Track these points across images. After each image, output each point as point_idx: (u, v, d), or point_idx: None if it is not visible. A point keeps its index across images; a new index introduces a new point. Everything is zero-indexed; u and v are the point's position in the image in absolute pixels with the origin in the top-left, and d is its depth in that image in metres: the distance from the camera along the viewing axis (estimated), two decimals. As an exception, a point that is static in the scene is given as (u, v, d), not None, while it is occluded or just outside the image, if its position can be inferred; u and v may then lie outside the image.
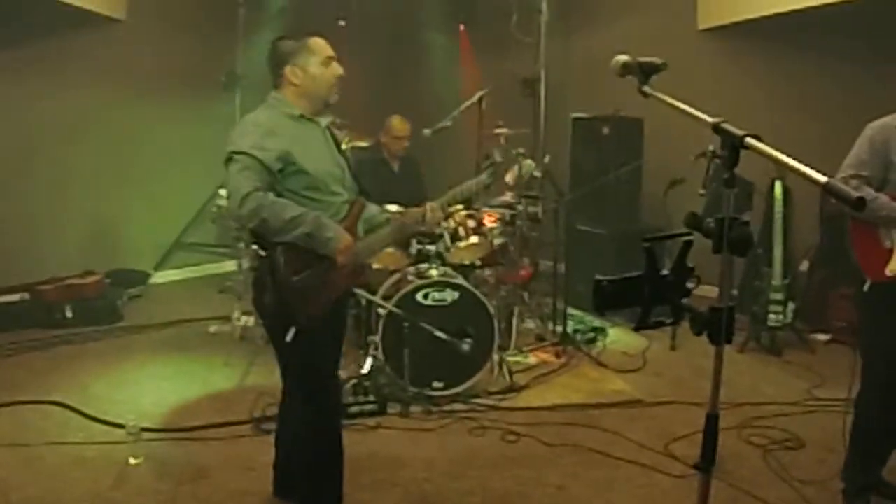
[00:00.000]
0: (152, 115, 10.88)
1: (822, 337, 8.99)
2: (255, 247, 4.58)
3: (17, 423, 6.56)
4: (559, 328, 8.67)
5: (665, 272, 2.89)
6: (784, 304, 8.41)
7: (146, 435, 6.13)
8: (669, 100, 2.98)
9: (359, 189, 4.91)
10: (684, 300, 2.94)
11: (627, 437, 6.38)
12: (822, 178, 2.40)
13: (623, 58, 3.17)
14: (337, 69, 4.63)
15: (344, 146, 4.85)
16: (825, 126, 7.87)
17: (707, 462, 2.95)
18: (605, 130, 10.00)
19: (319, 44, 4.62)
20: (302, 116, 4.59)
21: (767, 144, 2.50)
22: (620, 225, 9.90)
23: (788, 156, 2.45)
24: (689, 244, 2.85)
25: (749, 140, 2.62)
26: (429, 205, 5.06)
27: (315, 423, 4.82)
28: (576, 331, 8.83)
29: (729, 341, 2.76)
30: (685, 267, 2.89)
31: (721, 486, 5.52)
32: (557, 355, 8.24)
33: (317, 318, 4.49)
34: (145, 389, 7.32)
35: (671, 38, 10.38)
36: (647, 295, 2.89)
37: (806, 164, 2.40)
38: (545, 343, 8.59)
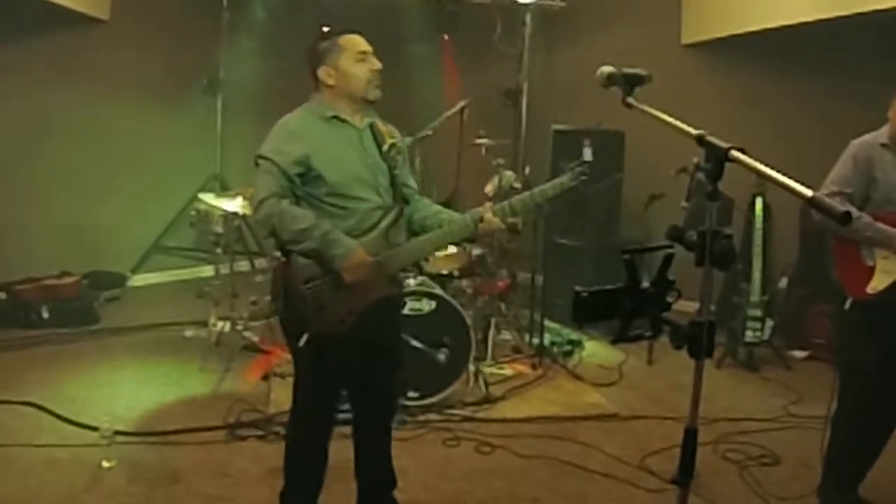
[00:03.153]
0: (133, 116, 10.82)
1: (800, 354, 8.99)
2: (277, 253, 4.54)
3: (-11, 423, 6.52)
4: (536, 340, 8.63)
5: (645, 285, 2.87)
6: (762, 320, 8.41)
7: (120, 438, 6.10)
8: (653, 111, 2.97)
9: (402, 195, 4.72)
10: (664, 314, 2.92)
11: (603, 450, 6.36)
12: (809, 193, 2.40)
13: (608, 69, 3.16)
14: (374, 63, 4.52)
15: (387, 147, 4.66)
16: (807, 143, 7.88)
17: (685, 476, 2.92)
18: (586, 143, 9.98)
19: (352, 40, 4.52)
20: (335, 118, 4.49)
21: (754, 158, 2.49)
22: (599, 238, 9.85)
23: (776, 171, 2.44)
24: (670, 257, 2.84)
25: (734, 153, 2.61)
26: (488, 212, 4.62)
27: (299, 437, 4.84)
28: (553, 343, 8.83)
29: (709, 355, 2.75)
30: (666, 280, 2.87)
31: (697, 501, 5.50)
32: (534, 367, 8.22)
33: (338, 328, 4.44)
34: (120, 392, 7.28)
35: (654, 52, 10.34)
36: (626, 307, 2.87)
37: (796, 181, 2.39)
38: (522, 355, 8.57)
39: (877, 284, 4.96)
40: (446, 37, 11.88)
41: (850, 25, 8.06)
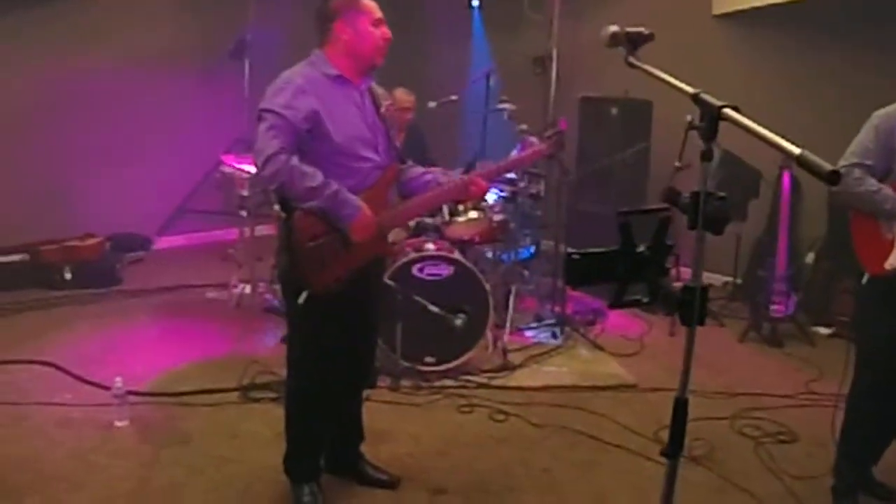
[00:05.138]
0: (160, 80, 10.85)
1: (825, 330, 8.87)
2: (276, 207, 4.53)
3: (6, 382, 6.60)
4: (557, 308, 8.56)
5: (641, 248, 2.80)
6: (787, 295, 8.32)
7: (133, 398, 6.13)
8: (653, 70, 2.90)
9: (398, 154, 4.81)
10: (663, 278, 2.85)
11: (617, 421, 6.31)
12: (796, 150, 2.32)
13: (612, 28, 3.07)
14: (386, 32, 4.51)
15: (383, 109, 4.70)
16: (842, 113, 7.78)
17: (675, 448, 2.86)
18: (614, 111, 9.91)
19: (371, 4, 4.50)
20: (340, 77, 4.46)
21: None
22: (626, 206, 9.75)
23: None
24: (666, 220, 2.76)
25: (726, 111, 2.54)
26: (474, 174, 4.91)
27: (303, 397, 4.82)
28: (575, 312, 8.75)
29: (701, 322, 2.66)
30: (663, 244, 2.80)
31: (709, 475, 5.50)
32: (554, 336, 8.16)
33: (334, 285, 4.43)
34: (137, 353, 7.33)
35: (684, 22, 10.28)
36: (621, 271, 2.80)
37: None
38: (543, 323, 8.49)
39: (894, 261, 4.87)
40: (476, 2, 11.80)
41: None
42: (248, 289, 8.74)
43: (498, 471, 5.52)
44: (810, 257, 9.30)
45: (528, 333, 8.24)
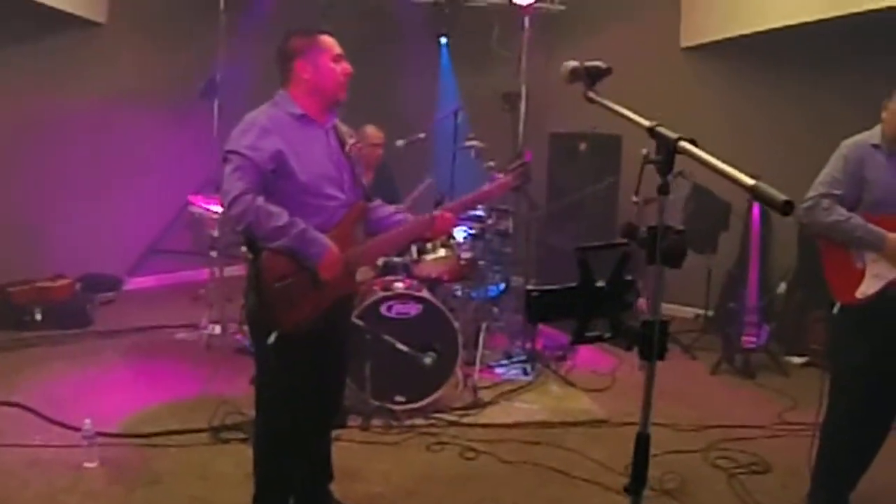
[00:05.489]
0: (130, 119, 10.78)
1: (798, 360, 8.90)
2: (243, 248, 4.53)
3: (-25, 423, 6.51)
4: (528, 345, 8.55)
5: (601, 284, 2.78)
6: (759, 326, 8.33)
7: (103, 440, 6.08)
8: (610, 104, 2.91)
9: (364, 192, 4.81)
10: (625, 313, 2.83)
11: (589, 456, 6.28)
12: (750, 182, 2.32)
13: (571, 64, 3.09)
14: (347, 67, 4.55)
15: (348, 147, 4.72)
16: (809, 144, 7.82)
17: (637, 483, 2.83)
18: (583, 147, 9.94)
19: (329, 41, 4.56)
20: (304, 116, 4.50)
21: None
22: (595, 241, 9.76)
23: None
24: (627, 256, 2.74)
25: (682, 144, 2.53)
26: (440, 211, 4.93)
27: (272, 437, 4.79)
28: (545, 348, 8.74)
29: (661, 357, 2.64)
30: (623, 279, 2.78)
31: (683, 509, 5.47)
32: (525, 372, 8.15)
33: (303, 325, 4.42)
34: (107, 394, 7.25)
35: (654, 56, 10.38)
36: (581, 307, 2.78)
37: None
38: (513, 359, 8.46)
39: (866, 289, 4.87)
40: (444, 39, 11.86)
41: (847, 25, 8.03)
42: (218, 329, 8.70)
43: (468, 509, 5.48)
44: (782, 287, 9.33)
45: (499, 370, 8.21)
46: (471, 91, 11.16)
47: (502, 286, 9.42)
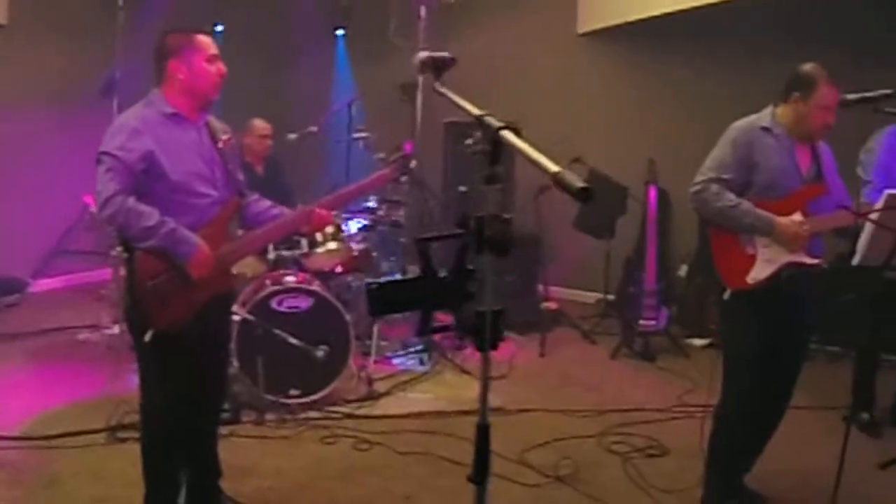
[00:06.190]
0: (31, 119, 10.61)
1: (699, 342, 8.97)
2: (119, 248, 4.51)
3: None
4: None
5: (443, 274, 2.75)
6: (658, 309, 8.37)
7: (3, 443, 6.05)
8: (452, 96, 2.95)
9: (238, 188, 4.79)
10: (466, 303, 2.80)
11: (483, 445, 6.25)
12: (554, 168, 2.30)
13: (421, 55, 3.10)
14: (221, 67, 4.55)
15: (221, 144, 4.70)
16: (706, 127, 7.88)
17: (479, 474, 2.80)
18: (477, 135, 9.90)
19: (205, 41, 4.54)
20: (176, 115, 4.48)
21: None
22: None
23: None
24: (466, 246, 2.71)
25: (503, 133, 2.52)
26: (316, 206, 4.92)
27: (157, 436, 4.76)
28: (443, 337, 8.64)
29: (494, 347, 2.60)
30: (464, 269, 2.75)
31: (576, 495, 5.52)
32: (422, 362, 8.16)
33: (178, 323, 4.41)
34: (8, 398, 7.12)
35: (551, 42, 10.43)
36: (424, 299, 2.75)
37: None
38: (410, 350, 8.47)
39: (757, 274, 4.89)
40: (341, 32, 11.83)
41: (741, 10, 8.10)
42: (118, 329, 8.60)
43: (360, 501, 5.48)
44: (683, 270, 9.40)
45: (395, 361, 8.20)
46: (369, 83, 11.16)
47: (397, 276, 9.40)
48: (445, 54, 3.07)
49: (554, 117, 10.06)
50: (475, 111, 2.69)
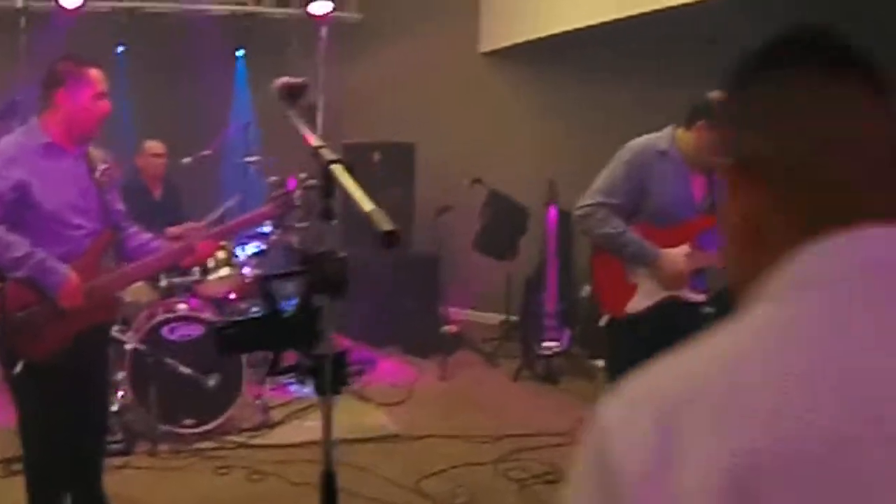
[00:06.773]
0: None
1: (603, 363, 8.92)
2: None
3: None
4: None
5: (288, 314, 2.69)
6: (559, 330, 8.34)
7: None
8: (296, 122, 2.90)
9: (113, 220, 4.70)
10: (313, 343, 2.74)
11: (380, 473, 6.22)
12: (368, 206, 2.30)
13: (280, 80, 3.05)
14: (106, 105, 4.49)
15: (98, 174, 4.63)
16: (608, 147, 7.91)
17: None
18: (376, 156, 9.89)
19: (96, 76, 4.46)
20: (51, 144, 4.40)
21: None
22: (391, 250, 9.71)
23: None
24: (312, 284, 2.66)
25: (332, 167, 2.46)
26: (195, 239, 4.86)
27: (36, 469, 4.65)
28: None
29: (337, 392, 2.55)
30: (311, 307, 2.68)
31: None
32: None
33: (50, 355, 4.32)
34: None
35: (453, 61, 10.41)
36: (271, 338, 2.69)
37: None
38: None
39: (636, 305, 4.84)
40: (240, 52, 11.76)
41: (642, 27, 8.11)
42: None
43: (250, 533, 5.38)
44: (586, 290, 9.37)
45: (292, 388, 8.08)
46: (269, 104, 11.05)
47: (294, 301, 9.32)
48: (299, 80, 3.03)
49: (455, 137, 10.03)
50: (313, 142, 2.63)
